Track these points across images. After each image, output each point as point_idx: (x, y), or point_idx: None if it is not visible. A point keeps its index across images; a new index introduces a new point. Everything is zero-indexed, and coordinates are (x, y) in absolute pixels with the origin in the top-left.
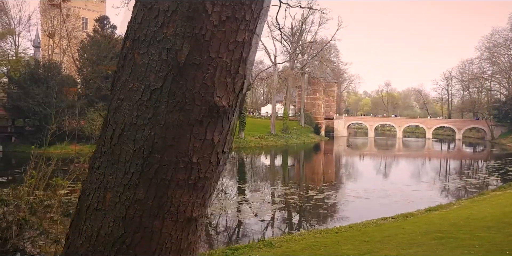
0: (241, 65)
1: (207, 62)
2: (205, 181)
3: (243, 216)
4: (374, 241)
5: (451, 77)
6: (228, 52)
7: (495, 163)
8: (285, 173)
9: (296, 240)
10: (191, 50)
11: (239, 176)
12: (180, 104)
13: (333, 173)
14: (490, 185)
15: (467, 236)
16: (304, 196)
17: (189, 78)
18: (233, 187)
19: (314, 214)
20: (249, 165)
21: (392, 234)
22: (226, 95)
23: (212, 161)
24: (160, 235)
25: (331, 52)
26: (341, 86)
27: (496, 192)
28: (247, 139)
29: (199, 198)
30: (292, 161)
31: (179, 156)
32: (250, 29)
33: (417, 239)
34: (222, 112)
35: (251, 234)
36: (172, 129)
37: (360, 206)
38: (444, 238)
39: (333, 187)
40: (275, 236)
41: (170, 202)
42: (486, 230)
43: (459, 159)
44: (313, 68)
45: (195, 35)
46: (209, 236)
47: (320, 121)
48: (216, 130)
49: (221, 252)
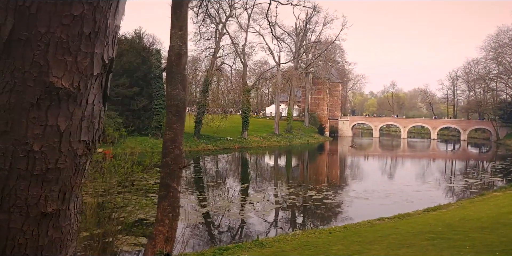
0: (84, 42)
1: (36, 38)
2: (59, 172)
3: (245, 216)
4: (365, 241)
5: (457, 78)
6: (62, 27)
7: (499, 164)
8: (288, 174)
9: (288, 240)
10: (16, 24)
11: (242, 176)
12: (9, 85)
13: (337, 173)
14: (493, 186)
15: (460, 236)
16: (305, 197)
17: (17, 55)
18: (236, 187)
19: (316, 214)
20: (252, 165)
21: (385, 235)
22: (68, 76)
23: (63, 151)
24: (8, 230)
25: (336, 52)
26: (347, 87)
27: (496, 193)
28: (250, 139)
29: (54, 192)
30: (295, 161)
31: (16, 144)
32: (89, 2)
33: (409, 239)
34: (64, 94)
35: (250, 233)
36: (3, 113)
37: (362, 206)
38: (436, 239)
39: (336, 187)
40: (268, 236)
41: (15, 195)
42: (480, 231)
43: (463, 160)
44: (318, 68)
45: (18, 8)
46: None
47: (324, 121)
48: (61, 115)
49: (211, 252)
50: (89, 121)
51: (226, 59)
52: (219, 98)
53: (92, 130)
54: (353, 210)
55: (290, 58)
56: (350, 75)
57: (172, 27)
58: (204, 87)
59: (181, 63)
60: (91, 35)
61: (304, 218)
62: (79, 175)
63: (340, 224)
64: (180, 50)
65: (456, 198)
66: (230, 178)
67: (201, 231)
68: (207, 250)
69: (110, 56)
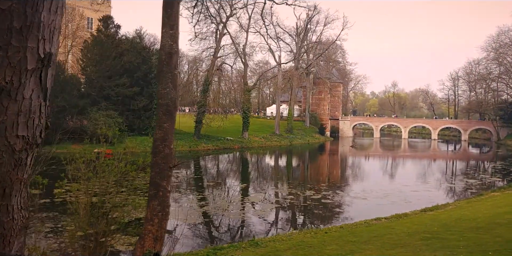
0: (15, 36)
1: None
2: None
3: (244, 216)
4: (360, 241)
5: (458, 78)
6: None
7: (499, 164)
8: (288, 174)
9: (283, 240)
10: None
11: (242, 176)
12: None
13: (337, 173)
14: (492, 186)
15: (454, 236)
16: (305, 197)
17: None
18: (235, 187)
19: (315, 214)
20: (252, 165)
21: (380, 235)
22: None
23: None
24: None
25: (337, 53)
26: (348, 87)
27: (495, 193)
28: (250, 139)
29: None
30: (295, 161)
31: None
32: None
33: (403, 239)
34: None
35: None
36: None
37: (360, 206)
38: (430, 239)
39: (335, 187)
40: (265, 236)
41: None
42: (475, 231)
43: (463, 160)
44: (319, 68)
45: None
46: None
47: (325, 121)
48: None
49: (205, 252)
50: (27, 116)
51: (227, 59)
52: (220, 98)
53: (32, 125)
54: (351, 210)
55: (291, 58)
56: (351, 75)
57: (163, 26)
58: (205, 87)
59: (171, 62)
60: (23, 29)
61: (302, 218)
62: (19, 170)
63: (337, 224)
64: (171, 49)
65: (455, 198)
66: (230, 178)
67: (199, 230)
68: (202, 250)
69: (47, 50)
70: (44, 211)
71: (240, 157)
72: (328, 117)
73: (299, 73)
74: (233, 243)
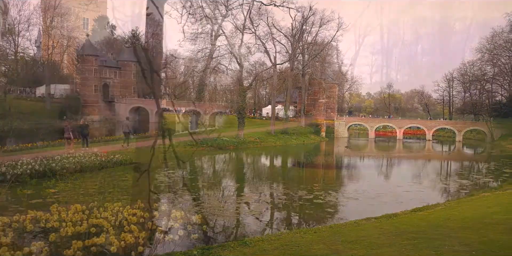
0: None
1: None
2: None
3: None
4: (348, 241)
5: (453, 79)
6: None
7: (492, 164)
8: (283, 174)
9: (272, 240)
10: None
11: (237, 176)
12: None
13: (332, 174)
14: (484, 186)
15: (441, 236)
16: (298, 197)
17: None
18: (230, 187)
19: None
20: (248, 165)
21: (368, 235)
22: None
23: None
24: None
25: (333, 54)
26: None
27: (485, 193)
28: (245, 139)
29: None
30: (290, 161)
31: None
32: None
33: (391, 239)
34: None
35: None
36: None
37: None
38: (417, 239)
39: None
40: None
41: None
42: (462, 231)
43: (457, 161)
44: (314, 69)
45: None
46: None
47: (320, 122)
48: None
49: (193, 252)
50: None
51: (222, 60)
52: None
53: None
54: (343, 210)
55: (286, 59)
56: (347, 76)
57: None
58: (200, 87)
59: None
60: None
61: (295, 218)
62: None
63: (328, 224)
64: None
65: (446, 198)
66: (225, 178)
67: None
68: (191, 250)
69: None
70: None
71: (235, 157)
72: (324, 118)
73: (294, 74)
74: (222, 243)
